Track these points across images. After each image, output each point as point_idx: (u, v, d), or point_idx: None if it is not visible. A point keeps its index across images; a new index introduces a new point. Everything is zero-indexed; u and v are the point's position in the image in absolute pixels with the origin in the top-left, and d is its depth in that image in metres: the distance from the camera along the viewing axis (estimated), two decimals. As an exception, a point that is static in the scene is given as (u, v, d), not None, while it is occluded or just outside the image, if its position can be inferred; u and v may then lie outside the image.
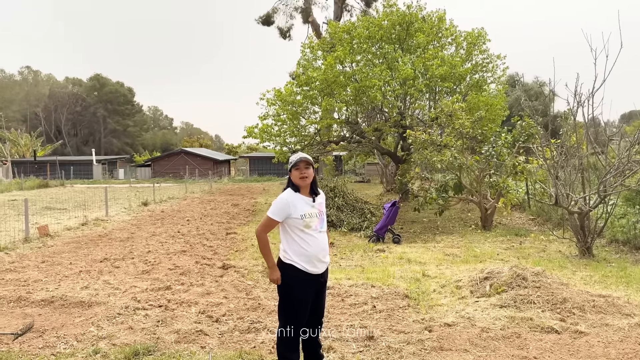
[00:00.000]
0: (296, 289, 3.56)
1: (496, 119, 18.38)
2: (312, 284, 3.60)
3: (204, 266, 8.05)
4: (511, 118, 14.15)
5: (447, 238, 11.28)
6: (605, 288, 6.21)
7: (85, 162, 48.44)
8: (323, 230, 3.69)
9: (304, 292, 3.57)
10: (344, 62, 17.49)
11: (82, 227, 12.97)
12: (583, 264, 7.90)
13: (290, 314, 3.58)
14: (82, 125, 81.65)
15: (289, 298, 3.59)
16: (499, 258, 8.64)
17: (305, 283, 3.56)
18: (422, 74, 16.70)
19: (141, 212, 16.99)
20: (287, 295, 3.59)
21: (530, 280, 5.62)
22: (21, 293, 6.33)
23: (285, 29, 41.71)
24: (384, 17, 17.87)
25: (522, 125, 12.57)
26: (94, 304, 5.84)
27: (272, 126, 17.99)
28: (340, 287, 6.38)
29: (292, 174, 3.61)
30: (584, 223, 8.54)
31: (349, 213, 13.51)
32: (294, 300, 3.57)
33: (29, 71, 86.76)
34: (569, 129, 9.11)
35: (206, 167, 46.11)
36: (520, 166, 11.67)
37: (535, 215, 13.77)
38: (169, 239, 11.12)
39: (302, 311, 3.57)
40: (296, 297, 3.57)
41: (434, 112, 15.39)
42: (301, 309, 3.57)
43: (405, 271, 7.40)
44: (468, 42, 18.31)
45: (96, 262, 8.56)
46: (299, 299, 3.57)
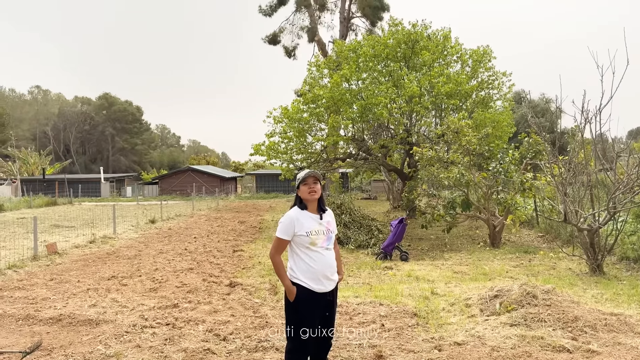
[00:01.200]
0: (302, 308, 3.52)
1: (503, 135, 18.39)
2: (318, 302, 3.56)
3: (211, 284, 8.03)
4: (518, 135, 14.14)
5: (456, 255, 11.20)
6: (617, 306, 6.13)
7: (94, 180, 48.76)
8: (330, 248, 3.67)
9: (310, 311, 3.53)
10: (350, 80, 17.63)
11: (90, 245, 13.01)
12: (594, 281, 7.81)
13: (296, 334, 3.54)
14: (90, 143, 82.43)
15: (296, 318, 3.56)
16: (508, 276, 8.56)
17: (311, 302, 3.53)
18: (428, 92, 16.79)
19: (148, 229, 17.03)
20: (293, 314, 3.57)
21: (540, 298, 5.56)
22: (29, 311, 6.33)
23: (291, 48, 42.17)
24: (390, 35, 18.03)
25: (529, 142, 12.56)
26: (102, 322, 5.83)
27: (279, 143, 18.08)
28: (348, 305, 6.33)
29: (301, 190, 3.61)
30: (593, 240, 8.46)
31: (356, 230, 13.47)
32: (301, 319, 3.54)
33: (38, 90, 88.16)
34: (576, 145, 9.09)
35: (213, 185, 46.26)
36: (528, 183, 11.63)
37: (544, 232, 13.67)
38: (176, 256, 11.12)
39: (308, 330, 3.53)
40: (302, 317, 3.53)
41: (440, 129, 15.42)
42: (307, 327, 3.53)
43: (414, 289, 7.34)
44: (473, 59, 18.43)
45: (104, 279, 8.57)
46: (305, 319, 3.53)
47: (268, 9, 41.45)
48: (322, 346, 3.72)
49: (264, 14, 41.66)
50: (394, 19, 19.03)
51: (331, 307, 3.69)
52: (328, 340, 3.74)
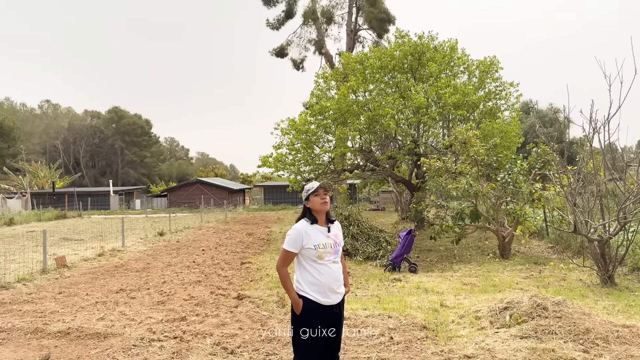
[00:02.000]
0: (308, 322, 3.50)
1: (511, 146, 18.31)
2: (324, 315, 3.53)
3: (219, 296, 8.02)
4: (526, 145, 14.07)
5: (465, 267, 11.11)
6: (629, 318, 6.03)
7: (103, 193, 49.06)
8: (337, 261, 3.65)
9: (316, 324, 3.51)
10: (357, 91, 17.68)
11: (98, 258, 13.06)
12: (605, 293, 7.70)
13: (303, 347, 3.52)
14: (100, 156, 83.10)
15: (302, 331, 3.54)
16: (518, 287, 8.46)
17: (317, 315, 3.50)
18: (435, 102, 16.79)
19: (157, 242, 17.08)
20: (299, 328, 3.55)
21: (551, 310, 5.49)
22: (38, 324, 6.35)
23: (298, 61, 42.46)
24: (396, 47, 18.10)
25: (538, 152, 12.49)
26: (110, 335, 5.83)
27: (287, 155, 18.12)
28: (356, 318, 6.29)
29: (312, 201, 3.61)
30: (604, 251, 8.36)
31: (364, 242, 13.42)
32: (309, 332, 3.52)
33: (48, 105, 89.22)
34: (585, 155, 9.03)
35: (221, 197, 46.39)
36: (537, 193, 11.55)
37: (554, 243, 13.53)
38: (184, 269, 11.13)
39: (314, 344, 3.50)
40: (308, 330, 3.51)
41: (448, 139, 15.39)
42: (313, 342, 3.50)
43: (423, 301, 7.28)
44: (480, 70, 18.44)
45: (112, 292, 8.58)
46: (311, 332, 3.51)
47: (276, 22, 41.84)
48: (330, 359, 3.69)
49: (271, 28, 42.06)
50: (400, 30, 19.13)
51: (338, 320, 3.66)
52: (335, 353, 3.71)
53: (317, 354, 3.52)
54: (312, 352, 3.50)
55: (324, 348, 3.58)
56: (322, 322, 3.53)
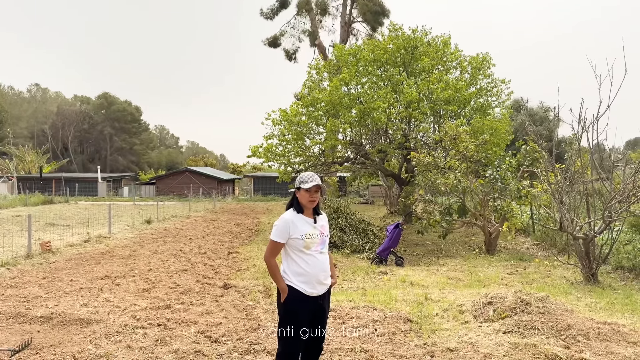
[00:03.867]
0: (293, 311, 3.50)
1: (500, 142, 18.41)
2: (309, 306, 3.54)
3: (204, 285, 8.00)
4: (516, 142, 14.15)
5: (451, 262, 11.18)
6: (610, 315, 6.11)
7: (91, 180, 48.64)
8: (324, 252, 3.65)
9: (302, 314, 3.51)
10: (349, 84, 17.64)
11: (84, 244, 12.96)
12: (588, 290, 7.80)
13: (287, 337, 3.52)
14: (88, 142, 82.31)
15: (287, 320, 3.53)
16: (502, 283, 8.54)
17: (302, 305, 3.50)
18: (426, 97, 16.81)
19: (144, 230, 16.98)
20: (284, 316, 3.55)
21: (534, 305, 5.54)
22: (21, 309, 6.29)
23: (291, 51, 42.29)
24: (390, 40, 18.06)
25: (527, 150, 12.56)
26: (93, 321, 5.79)
27: (277, 146, 18.06)
28: (341, 310, 6.30)
29: (301, 194, 3.58)
30: (589, 249, 8.45)
31: (352, 234, 13.44)
32: (291, 322, 3.51)
33: (37, 89, 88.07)
34: (573, 154, 9.10)
35: (210, 186, 46.20)
36: (525, 190, 11.63)
37: (539, 240, 13.66)
38: (170, 257, 11.08)
39: (297, 334, 3.50)
40: (293, 319, 3.51)
41: (438, 134, 15.43)
42: (297, 332, 3.50)
43: (408, 294, 7.32)
44: (473, 66, 18.47)
45: (97, 279, 8.52)
46: (295, 321, 3.51)
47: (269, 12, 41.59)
48: (313, 350, 3.70)
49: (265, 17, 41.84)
50: (394, 24, 19.08)
51: (323, 311, 3.67)
52: (319, 344, 3.71)
53: (300, 343, 3.53)
54: (295, 342, 3.51)
55: (308, 338, 3.59)
56: (307, 313, 3.53)
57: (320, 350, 3.76)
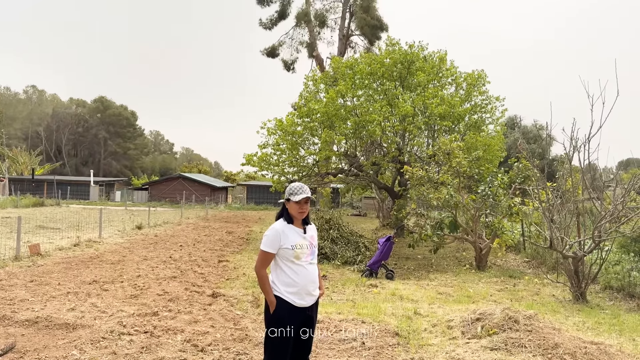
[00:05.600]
0: (280, 322, 3.49)
1: (493, 159, 18.51)
2: (297, 317, 3.53)
3: (193, 293, 7.95)
4: (509, 159, 14.24)
5: (441, 276, 11.18)
6: (597, 335, 6.13)
7: (83, 183, 48.37)
8: (313, 262, 3.65)
9: (288, 325, 3.50)
10: (345, 96, 17.73)
11: (74, 248, 12.86)
12: (576, 309, 7.82)
13: (273, 347, 3.50)
14: (82, 146, 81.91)
15: (274, 330, 3.52)
16: (492, 299, 8.55)
17: (290, 316, 3.49)
18: (421, 112, 16.91)
19: (135, 235, 16.87)
20: (271, 327, 3.53)
21: (522, 323, 5.55)
22: (6, 312, 6.22)
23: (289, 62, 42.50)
24: (387, 55, 18.20)
25: (519, 167, 12.65)
26: (79, 326, 5.74)
27: (271, 155, 18.07)
28: (330, 322, 6.28)
29: (291, 205, 3.60)
30: (578, 268, 8.49)
31: (343, 246, 13.43)
32: (278, 332, 3.50)
33: (34, 90, 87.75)
34: (565, 172, 9.17)
35: (203, 193, 46.06)
36: (516, 207, 11.69)
37: (530, 257, 13.71)
38: (160, 263, 11.01)
39: (284, 345, 3.49)
40: (280, 330, 3.50)
41: (432, 149, 15.51)
42: (283, 342, 3.49)
43: (397, 308, 7.31)
44: (468, 83, 18.62)
45: (85, 283, 8.45)
46: (282, 332, 3.50)
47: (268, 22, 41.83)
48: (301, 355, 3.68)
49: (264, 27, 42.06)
50: (392, 38, 19.25)
51: (310, 323, 3.66)
52: (306, 356, 3.70)
53: (286, 355, 3.51)
54: (281, 353, 3.49)
55: (294, 350, 3.58)
56: (294, 324, 3.52)
57: (309, 350, 3.72)
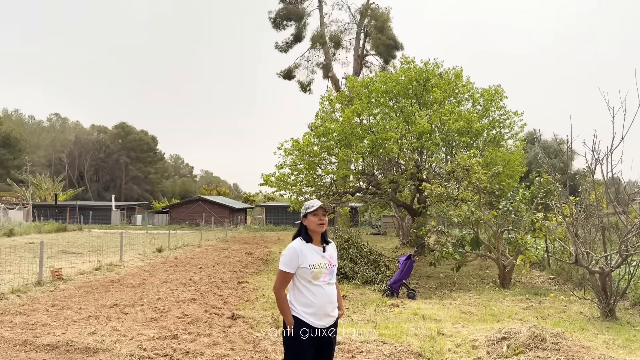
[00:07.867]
0: (298, 343, 3.42)
1: (514, 174, 18.26)
2: (316, 337, 3.46)
3: (212, 315, 7.91)
4: (529, 174, 14.02)
5: (464, 295, 10.96)
6: (629, 353, 5.90)
7: (105, 208, 49.05)
8: (332, 282, 3.59)
9: (307, 346, 3.43)
10: (361, 114, 17.75)
11: (95, 272, 12.97)
12: (605, 326, 7.56)
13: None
14: (104, 171, 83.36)
15: (291, 352, 3.46)
16: (517, 318, 8.32)
17: (309, 338, 3.43)
18: (438, 128, 16.82)
19: (155, 258, 16.97)
20: (289, 348, 3.47)
21: (549, 341, 5.38)
22: (28, 337, 6.26)
23: (305, 83, 42.89)
24: (402, 73, 18.23)
25: (541, 182, 12.43)
26: (99, 350, 5.74)
27: (289, 175, 18.10)
28: (351, 343, 6.17)
29: (309, 220, 3.56)
30: (605, 283, 8.23)
31: (363, 265, 13.28)
32: (296, 354, 3.44)
33: (57, 118, 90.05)
34: (587, 186, 8.97)
35: (223, 215, 46.28)
36: (539, 223, 11.45)
37: (555, 274, 13.37)
38: (180, 286, 11.03)
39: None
40: (298, 351, 3.43)
41: (451, 165, 15.37)
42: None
43: (420, 328, 7.16)
44: (485, 98, 18.50)
45: (106, 307, 8.48)
46: (301, 353, 3.43)
47: (284, 45, 42.42)
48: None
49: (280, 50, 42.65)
50: (406, 57, 19.29)
51: (330, 344, 3.58)
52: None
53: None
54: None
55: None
56: (312, 344, 3.45)
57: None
